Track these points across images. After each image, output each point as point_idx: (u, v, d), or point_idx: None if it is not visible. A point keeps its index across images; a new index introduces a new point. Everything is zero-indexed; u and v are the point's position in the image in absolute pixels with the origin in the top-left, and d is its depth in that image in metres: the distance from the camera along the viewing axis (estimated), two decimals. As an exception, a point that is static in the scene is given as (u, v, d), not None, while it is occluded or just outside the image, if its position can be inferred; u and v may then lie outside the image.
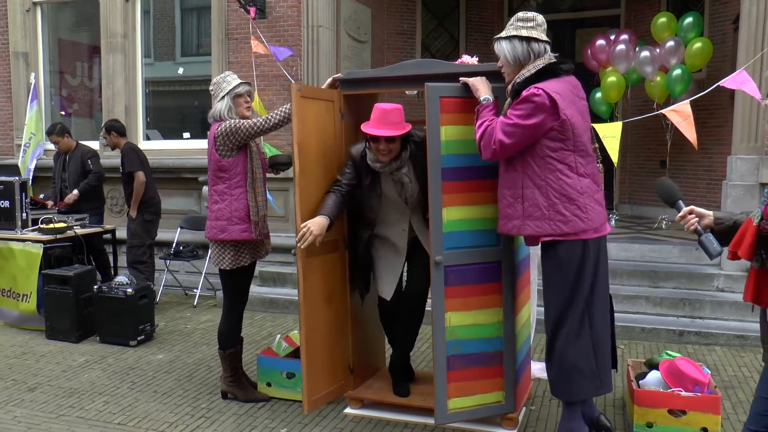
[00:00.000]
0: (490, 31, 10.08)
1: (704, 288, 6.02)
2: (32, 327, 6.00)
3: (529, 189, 3.22)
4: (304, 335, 3.72)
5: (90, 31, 9.18)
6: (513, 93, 3.25)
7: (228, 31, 7.64)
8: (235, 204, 4.06)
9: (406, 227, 3.95)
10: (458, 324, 3.57)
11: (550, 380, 3.40)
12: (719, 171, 7.61)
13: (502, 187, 3.36)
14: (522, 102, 3.14)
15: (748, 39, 5.90)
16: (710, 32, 8.12)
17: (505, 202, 3.33)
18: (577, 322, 3.24)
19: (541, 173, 3.19)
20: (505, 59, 3.30)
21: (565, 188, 3.17)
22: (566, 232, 3.18)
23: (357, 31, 8.24)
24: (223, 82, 4.10)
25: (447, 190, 3.51)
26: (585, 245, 3.20)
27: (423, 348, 5.30)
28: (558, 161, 3.18)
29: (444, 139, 3.48)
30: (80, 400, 4.34)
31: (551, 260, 3.27)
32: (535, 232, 3.23)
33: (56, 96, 9.40)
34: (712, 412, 3.55)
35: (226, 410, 4.14)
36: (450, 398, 3.60)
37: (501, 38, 3.29)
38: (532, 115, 3.11)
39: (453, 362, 3.58)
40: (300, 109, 3.64)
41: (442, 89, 3.49)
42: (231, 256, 4.09)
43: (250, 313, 6.55)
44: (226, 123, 3.99)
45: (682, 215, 2.64)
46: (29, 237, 6.05)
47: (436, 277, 3.52)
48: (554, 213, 3.17)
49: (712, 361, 5.02)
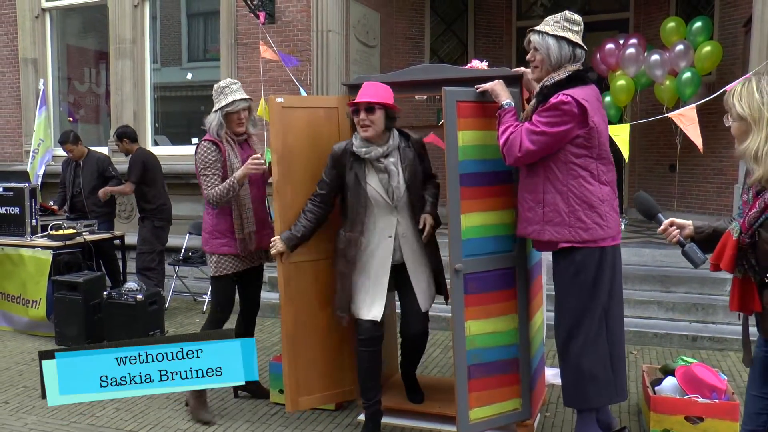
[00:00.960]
0: (498, 35, 10.08)
1: (716, 293, 5.98)
2: (42, 333, 5.99)
3: (550, 194, 3.19)
4: (284, 336, 3.83)
5: (98, 37, 9.21)
6: (541, 96, 3.21)
7: (237, 36, 7.64)
8: (216, 219, 4.00)
9: (393, 233, 3.61)
10: (478, 332, 3.51)
11: (564, 387, 3.37)
12: (730, 175, 7.57)
13: (522, 190, 3.33)
14: (550, 109, 3.10)
15: (761, 41, 5.86)
16: (720, 35, 8.08)
17: (525, 206, 3.30)
18: (594, 329, 3.22)
19: (563, 179, 3.17)
20: (546, 56, 3.21)
21: (586, 195, 3.16)
22: (585, 240, 3.17)
23: (366, 36, 8.23)
24: (221, 93, 3.94)
25: (465, 196, 3.44)
26: (603, 252, 3.20)
27: (435, 354, 5.27)
28: (581, 168, 3.16)
29: (461, 145, 3.43)
30: (91, 407, 4.32)
31: (568, 267, 3.24)
32: (554, 237, 3.20)
33: (64, 102, 9.42)
34: (731, 419, 3.51)
35: (238, 417, 4.11)
36: (471, 408, 3.53)
37: (548, 34, 3.20)
38: (560, 123, 3.09)
39: (473, 371, 3.51)
40: (282, 119, 3.74)
41: (459, 93, 3.44)
42: (214, 262, 4.05)
43: (261, 319, 6.50)
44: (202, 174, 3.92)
45: (663, 228, 2.63)
46: (39, 243, 6.05)
47: (456, 285, 3.45)
48: (575, 219, 3.16)
49: (726, 366, 4.97)
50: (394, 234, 3.60)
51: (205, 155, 3.93)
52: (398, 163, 3.58)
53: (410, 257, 3.67)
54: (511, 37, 10.17)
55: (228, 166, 3.93)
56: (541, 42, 3.22)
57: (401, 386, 4.22)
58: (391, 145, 3.56)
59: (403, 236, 3.62)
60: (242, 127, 4.01)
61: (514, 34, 10.18)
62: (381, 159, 3.54)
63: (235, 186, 3.87)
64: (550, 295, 5.80)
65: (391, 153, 3.57)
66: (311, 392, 3.93)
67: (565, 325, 3.29)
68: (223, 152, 3.94)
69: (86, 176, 6.77)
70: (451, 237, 3.45)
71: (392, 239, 3.60)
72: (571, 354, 3.26)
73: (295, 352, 3.86)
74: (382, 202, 3.56)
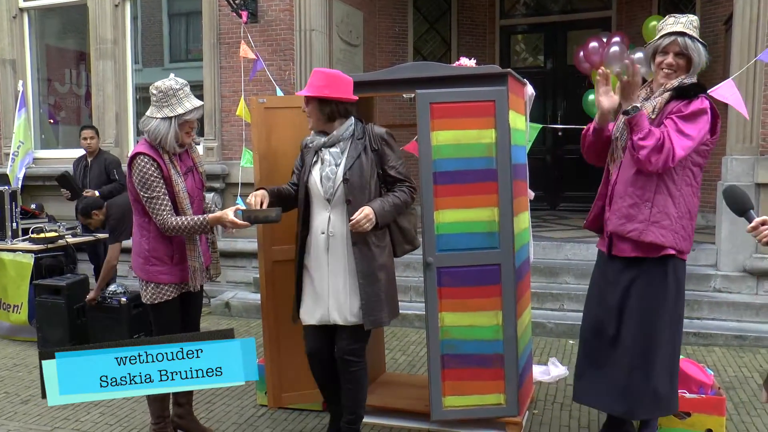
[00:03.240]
0: (481, 33, 10.10)
1: (702, 288, 6.02)
2: (24, 338, 5.92)
3: (662, 195, 3.09)
4: (266, 333, 3.87)
5: (78, 37, 9.10)
6: (678, 93, 3.10)
7: (220, 35, 7.58)
8: (154, 243, 3.43)
9: (325, 230, 3.32)
10: (453, 324, 3.61)
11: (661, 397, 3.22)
12: (714, 172, 7.61)
13: (626, 184, 3.17)
14: (698, 114, 3.03)
15: (741, 39, 5.91)
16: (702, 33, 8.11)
17: (627, 202, 3.15)
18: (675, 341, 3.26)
19: (678, 183, 3.10)
20: (697, 61, 3.14)
21: (691, 205, 3.14)
22: (682, 250, 3.14)
23: (349, 35, 8.21)
24: (173, 96, 3.34)
25: (439, 193, 3.55)
26: (684, 265, 3.25)
27: (421, 353, 5.26)
28: (694, 177, 3.14)
29: (435, 144, 3.53)
30: (75, 412, 4.26)
31: (665, 274, 3.16)
32: (658, 240, 3.08)
33: (44, 104, 9.30)
34: (717, 414, 3.53)
35: (225, 419, 4.08)
36: (445, 396, 3.66)
37: (698, 40, 3.13)
38: (702, 129, 3.04)
39: (448, 361, 3.64)
40: (265, 120, 3.78)
41: (433, 95, 3.52)
42: (151, 289, 3.46)
43: (246, 320, 6.50)
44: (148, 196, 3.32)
45: (753, 226, 2.51)
46: (20, 247, 5.97)
47: (429, 278, 3.58)
48: (680, 227, 3.10)
49: (711, 361, 5.00)
50: (326, 231, 3.33)
51: (145, 172, 3.31)
52: (342, 154, 3.32)
53: (332, 261, 3.32)
54: (494, 35, 10.20)
55: (172, 183, 3.37)
56: (693, 47, 3.11)
57: (388, 385, 4.22)
58: (335, 136, 3.32)
59: (332, 236, 3.31)
60: (189, 138, 3.49)
61: (497, 33, 10.22)
62: (322, 149, 3.35)
63: (204, 228, 3.38)
64: (535, 293, 5.87)
65: (337, 144, 3.34)
66: (294, 389, 3.97)
67: (660, 336, 3.18)
68: (164, 168, 3.37)
69: (94, 175, 6.66)
70: (424, 233, 3.56)
71: (324, 236, 3.32)
72: (660, 364, 3.18)
73: (277, 349, 3.92)
74: (318, 194, 3.33)
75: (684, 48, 3.11)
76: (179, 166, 3.46)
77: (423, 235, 3.58)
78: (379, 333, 4.45)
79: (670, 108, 3.09)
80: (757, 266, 5.85)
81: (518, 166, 3.79)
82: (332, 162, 3.30)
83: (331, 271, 3.31)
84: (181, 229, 3.34)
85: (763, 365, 4.91)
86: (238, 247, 7.31)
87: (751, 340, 5.34)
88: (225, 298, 6.83)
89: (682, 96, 3.07)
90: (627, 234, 3.14)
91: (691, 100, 3.05)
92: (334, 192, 3.29)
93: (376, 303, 3.30)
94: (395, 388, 4.23)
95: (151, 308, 3.52)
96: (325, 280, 3.32)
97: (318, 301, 3.35)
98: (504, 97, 3.48)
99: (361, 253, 3.28)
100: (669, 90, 3.12)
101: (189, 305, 3.65)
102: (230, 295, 6.93)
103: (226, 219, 3.30)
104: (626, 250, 3.19)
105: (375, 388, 4.22)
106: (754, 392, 4.38)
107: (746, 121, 5.89)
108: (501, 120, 3.49)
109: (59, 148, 9.23)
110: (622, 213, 3.16)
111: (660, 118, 3.11)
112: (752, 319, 5.63)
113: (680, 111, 3.04)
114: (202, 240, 3.58)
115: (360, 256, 3.28)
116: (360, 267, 3.28)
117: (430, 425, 3.82)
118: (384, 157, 3.35)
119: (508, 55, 10.27)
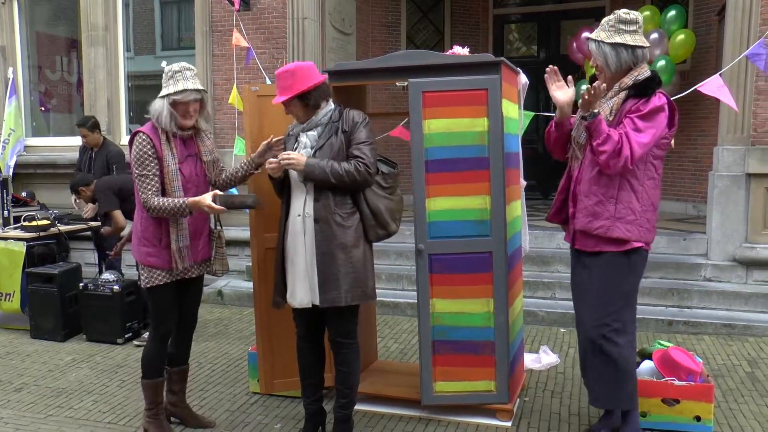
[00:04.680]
0: (474, 22, 10.08)
1: (692, 278, 6.06)
2: (16, 326, 5.90)
3: (625, 192, 3.15)
4: (258, 319, 3.91)
5: (69, 24, 9.04)
6: (634, 90, 3.11)
7: (212, 23, 7.54)
8: (144, 224, 3.46)
9: (301, 212, 3.32)
10: (444, 311, 3.65)
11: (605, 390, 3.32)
12: (705, 162, 7.66)
13: (589, 182, 3.22)
14: (655, 112, 3.05)
15: (734, 29, 5.92)
16: (694, 24, 8.16)
17: (593, 200, 3.20)
18: (634, 330, 3.34)
19: (641, 177, 3.15)
20: (605, 65, 3.16)
21: (654, 197, 3.20)
22: (648, 241, 3.22)
23: (342, 23, 8.18)
24: (171, 78, 3.40)
25: (431, 181, 3.59)
26: (647, 255, 3.31)
27: (413, 341, 5.28)
28: (656, 169, 3.19)
29: (427, 132, 3.56)
30: (68, 399, 4.27)
31: (622, 266, 3.21)
32: (625, 235, 3.15)
33: (35, 91, 9.24)
34: (705, 401, 3.57)
35: (218, 407, 4.09)
36: (436, 381, 3.71)
37: (603, 42, 3.13)
38: (660, 125, 3.07)
39: (438, 347, 3.68)
40: (258, 108, 3.83)
41: (426, 84, 3.54)
42: (145, 273, 3.48)
43: (239, 308, 6.51)
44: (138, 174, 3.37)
45: None
46: (11, 235, 5.94)
47: (420, 265, 3.62)
48: (644, 220, 3.17)
49: (701, 350, 5.05)
50: (302, 213, 3.33)
51: (140, 150, 3.38)
52: (318, 138, 3.35)
53: (309, 243, 3.32)
54: (487, 24, 10.18)
55: (164, 164, 3.40)
56: (597, 51, 3.16)
57: (380, 373, 4.24)
58: (314, 121, 3.36)
59: (307, 217, 3.31)
60: (189, 121, 3.46)
61: (491, 22, 10.20)
62: (300, 133, 3.40)
63: (183, 211, 3.35)
64: (527, 281, 5.90)
65: (315, 128, 3.36)
66: (286, 376, 4.01)
67: (611, 325, 3.23)
68: (158, 148, 3.40)
69: (98, 168, 6.60)
70: (416, 220, 3.60)
71: (300, 218, 3.33)
72: (617, 356, 3.24)
73: (269, 336, 3.96)
74: (294, 177, 3.35)
75: (590, 52, 3.21)
76: (178, 150, 3.46)
77: (414, 222, 3.61)
78: (372, 321, 4.46)
79: (628, 107, 3.11)
80: (747, 255, 5.90)
81: (511, 155, 3.80)
82: (308, 145, 3.34)
83: (308, 252, 3.32)
84: (162, 209, 3.35)
85: (751, 353, 4.96)
86: (231, 236, 7.29)
87: (739, 328, 5.39)
88: (218, 287, 6.84)
89: (639, 94, 3.09)
90: (594, 231, 3.19)
91: (649, 98, 3.07)
92: None
93: (332, 282, 3.26)
94: (387, 376, 4.25)
95: (146, 292, 3.55)
96: (303, 263, 3.33)
97: (297, 283, 3.36)
98: (497, 85, 3.49)
99: (321, 231, 3.27)
100: (624, 89, 3.14)
101: (186, 293, 3.64)
102: (223, 284, 6.94)
103: (204, 204, 3.33)
104: (590, 245, 3.26)
105: (367, 375, 4.24)
106: (742, 380, 4.43)
107: (737, 112, 5.92)
108: (493, 108, 3.50)
109: (51, 135, 9.19)
110: (588, 211, 3.21)
111: (618, 118, 3.13)
112: (741, 307, 5.68)
113: (639, 110, 3.06)
114: (204, 232, 3.58)
115: (320, 235, 3.27)
116: (318, 245, 3.28)
117: (421, 412, 3.84)
118: (353, 139, 3.34)
119: (502, 44, 10.25)
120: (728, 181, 5.99)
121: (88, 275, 6.28)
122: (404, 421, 3.82)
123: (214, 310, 6.47)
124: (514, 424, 3.77)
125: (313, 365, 3.53)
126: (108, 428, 3.83)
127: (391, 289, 6.48)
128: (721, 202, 6.02)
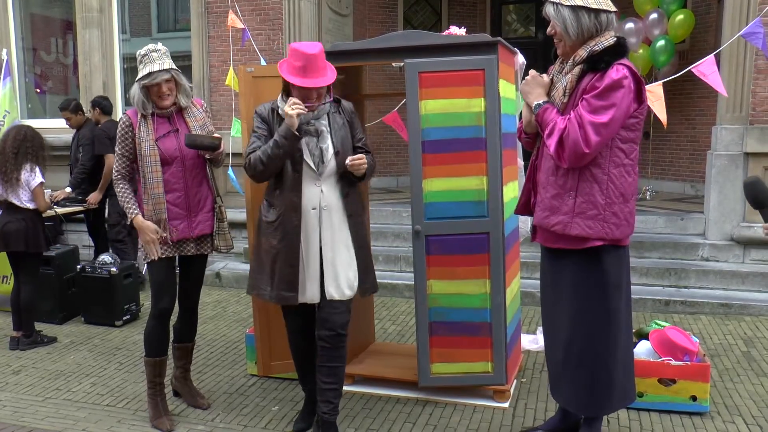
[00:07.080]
0: (472, 3, 10.00)
1: (689, 258, 6.07)
2: (14, 309, 5.89)
3: (586, 182, 2.76)
4: (255, 301, 3.91)
5: (63, 5, 8.94)
6: (590, 64, 2.71)
7: (207, 4, 7.47)
8: (138, 199, 3.57)
9: (317, 205, 3.20)
10: (441, 292, 3.65)
11: (575, 395, 3.01)
12: (703, 141, 7.65)
13: (547, 173, 2.89)
14: (612, 88, 2.64)
15: (733, 9, 5.88)
16: (693, 3, 8.10)
17: (550, 192, 2.86)
18: (614, 334, 2.91)
19: (605, 166, 2.74)
20: (564, 32, 2.75)
21: (625, 187, 2.78)
22: (616, 238, 2.80)
23: (338, 4, 8.11)
24: (141, 62, 3.42)
25: (428, 162, 3.58)
26: (625, 252, 2.92)
27: (411, 323, 5.30)
28: (625, 154, 2.77)
29: (424, 113, 3.54)
30: (67, 382, 4.28)
31: (592, 268, 2.86)
32: (584, 233, 2.78)
33: (30, 73, 9.17)
34: (702, 381, 3.58)
35: (216, 389, 4.10)
36: (433, 363, 3.72)
37: (562, 5, 2.72)
38: (622, 103, 2.65)
39: (435, 328, 3.69)
40: (253, 89, 3.82)
41: (422, 65, 3.52)
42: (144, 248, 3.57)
43: (237, 291, 6.52)
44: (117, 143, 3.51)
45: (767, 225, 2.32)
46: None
47: (417, 246, 3.62)
48: (610, 214, 2.76)
49: (697, 329, 5.07)
50: (318, 206, 3.21)
51: (119, 130, 3.51)
52: (329, 125, 3.25)
53: (327, 236, 3.22)
54: (485, 6, 10.10)
55: (138, 143, 3.45)
56: (555, 15, 2.75)
57: (377, 355, 4.25)
58: (323, 109, 3.24)
59: (325, 209, 3.21)
60: (166, 101, 3.46)
61: (488, 3, 10.12)
62: (311, 121, 3.22)
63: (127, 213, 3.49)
64: (525, 263, 5.90)
65: (322, 116, 3.26)
66: (284, 358, 4.00)
67: (584, 331, 2.91)
68: (135, 126, 3.46)
69: (86, 147, 6.56)
70: (413, 201, 3.59)
71: (316, 211, 3.20)
72: (589, 361, 2.92)
73: (266, 319, 3.97)
74: (307, 168, 3.20)
75: (547, 17, 2.81)
76: (156, 127, 3.48)
77: (412, 203, 3.61)
78: (369, 303, 4.47)
79: (584, 84, 2.73)
80: (744, 235, 5.90)
81: (508, 135, 3.77)
82: (327, 133, 3.22)
83: (326, 245, 3.21)
84: (119, 195, 3.54)
85: (747, 333, 4.97)
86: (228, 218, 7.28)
87: (736, 308, 5.41)
88: (216, 269, 6.84)
89: (595, 68, 2.70)
90: (551, 228, 2.86)
91: (605, 72, 2.67)
92: (327, 165, 3.20)
93: (370, 270, 3.39)
94: (384, 358, 4.27)
95: (146, 266, 3.66)
96: (317, 257, 3.22)
97: (309, 279, 3.22)
98: (494, 65, 3.46)
99: (355, 224, 3.28)
100: (579, 63, 2.75)
101: (187, 272, 3.73)
102: (221, 266, 6.94)
103: (147, 235, 3.47)
104: (549, 240, 2.95)
105: (364, 357, 4.25)
106: (738, 359, 4.44)
107: (735, 91, 5.89)
108: (490, 89, 3.48)
109: (46, 117, 9.13)
110: (545, 205, 2.89)
111: (574, 99, 2.77)
112: (738, 287, 5.70)
113: (594, 88, 2.68)
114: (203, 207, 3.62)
115: (354, 227, 3.28)
116: (355, 237, 3.28)
117: (418, 393, 3.86)
118: (354, 129, 3.35)
119: (500, 25, 10.18)
120: (726, 161, 5.98)
121: (84, 258, 6.28)
122: (402, 403, 3.83)
123: (212, 292, 6.47)
124: (511, 405, 3.78)
125: (311, 358, 3.45)
126: (106, 410, 3.84)
127: (388, 270, 6.48)
128: (719, 181, 6.01)
